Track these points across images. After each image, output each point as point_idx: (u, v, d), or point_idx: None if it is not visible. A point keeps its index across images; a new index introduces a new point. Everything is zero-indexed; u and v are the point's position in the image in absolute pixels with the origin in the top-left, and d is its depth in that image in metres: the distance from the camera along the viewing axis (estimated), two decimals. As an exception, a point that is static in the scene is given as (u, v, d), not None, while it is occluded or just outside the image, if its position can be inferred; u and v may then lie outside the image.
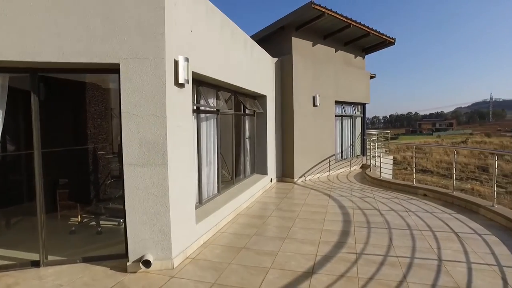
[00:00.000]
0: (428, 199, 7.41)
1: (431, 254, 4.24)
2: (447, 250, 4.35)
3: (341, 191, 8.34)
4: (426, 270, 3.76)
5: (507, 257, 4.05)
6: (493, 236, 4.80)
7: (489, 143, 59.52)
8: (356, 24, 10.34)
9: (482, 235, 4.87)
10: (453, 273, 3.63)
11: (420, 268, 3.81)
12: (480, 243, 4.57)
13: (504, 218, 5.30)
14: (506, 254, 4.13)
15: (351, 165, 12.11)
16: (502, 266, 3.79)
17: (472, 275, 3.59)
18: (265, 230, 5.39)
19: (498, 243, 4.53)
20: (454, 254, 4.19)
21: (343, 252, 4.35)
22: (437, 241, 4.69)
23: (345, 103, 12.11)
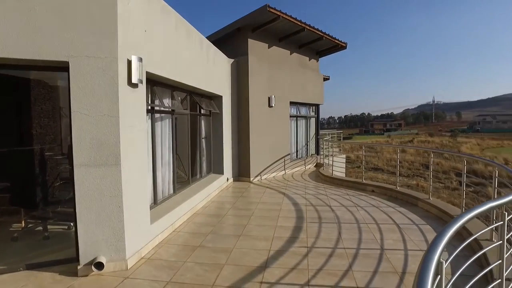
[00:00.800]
0: (376, 194, 7.92)
1: (375, 244, 4.59)
2: (389, 240, 4.74)
3: (295, 189, 8.65)
4: (370, 258, 4.08)
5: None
6: (427, 226, 5.30)
7: (431, 142, 64.28)
8: (310, 28, 10.76)
9: (419, 225, 5.36)
10: (392, 260, 3.99)
11: (365, 257, 4.12)
12: (417, 232, 5.03)
13: (437, 209, 5.87)
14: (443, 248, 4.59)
15: (305, 164, 12.55)
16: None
17: (408, 261, 3.98)
18: (221, 228, 5.48)
19: (431, 231, 5.03)
20: (394, 243, 4.58)
21: (295, 246, 4.57)
22: (380, 232, 5.08)
23: (300, 104, 12.53)
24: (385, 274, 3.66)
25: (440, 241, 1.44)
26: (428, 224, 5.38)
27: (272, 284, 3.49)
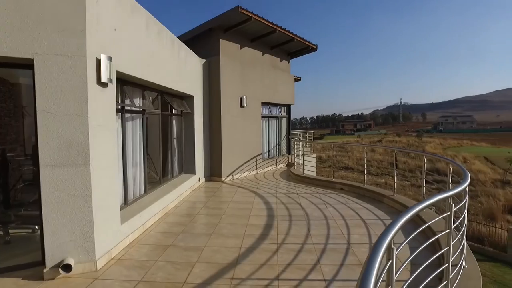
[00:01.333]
0: (345, 192, 8.21)
1: (342, 239, 4.80)
2: (355, 235, 4.97)
3: (267, 188, 8.80)
4: (337, 253, 4.28)
5: (399, 236, 4.77)
6: (391, 220, 5.58)
7: (399, 142, 66.89)
8: (281, 30, 10.95)
9: (384, 220, 5.65)
10: (358, 253, 4.20)
11: (332, 252, 4.31)
12: (381, 227, 5.30)
13: (401, 205, 6.21)
14: (399, 234, 4.87)
15: (277, 163, 12.75)
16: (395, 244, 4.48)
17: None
18: (192, 228, 5.51)
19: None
20: (360, 238, 4.81)
21: (266, 243, 4.69)
22: (348, 228, 5.31)
23: (272, 104, 12.71)
24: (351, 267, 3.85)
25: (390, 230, 1.60)
26: (392, 219, 5.68)
27: (242, 279, 3.59)
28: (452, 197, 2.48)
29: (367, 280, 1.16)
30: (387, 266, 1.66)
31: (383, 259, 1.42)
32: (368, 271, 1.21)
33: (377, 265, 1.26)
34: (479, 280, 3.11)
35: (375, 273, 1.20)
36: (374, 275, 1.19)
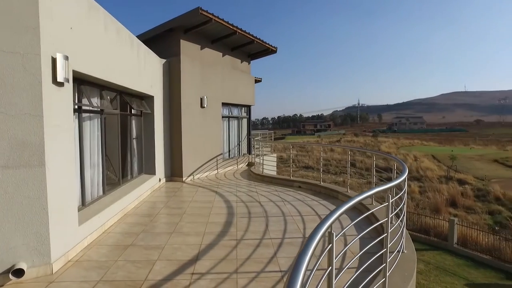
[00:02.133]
0: (302, 190, 8.56)
1: (298, 233, 5.08)
2: (310, 229, 5.27)
3: (227, 188, 8.94)
4: (293, 246, 4.54)
5: (351, 228, 5.14)
6: (344, 215, 5.96)
7: (356, 141, 69.92)
8: (241, 32, 11.14)
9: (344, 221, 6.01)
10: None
11: (288, 245, 4.56)
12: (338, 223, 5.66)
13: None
14: (351, 228, 5.24)
15: (238, 163, 12.94)
16: (347, 235, 4.83)
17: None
18: (153, 227, 5.53)
19: (347, 219, 5.69)
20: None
21: (225, 239, 4.85)
22: (304, 223, 5.62)
23: (232, 105, 12.87)
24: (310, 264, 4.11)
25: (330, 217, 1.83)
26: (345, 214, 6.06)
27: (202, 274, 3.72)
28: (394, 188, 2.80)
29: (303, 257, 1.36)
30: (328, 249, 1.90)
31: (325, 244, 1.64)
32: (305, 250, 1.42)
33: (314, 244, 1.48)
34: (415, 264, 3.50)
35: (310, 251, 1.42)
36: (309, 253, 1.40)
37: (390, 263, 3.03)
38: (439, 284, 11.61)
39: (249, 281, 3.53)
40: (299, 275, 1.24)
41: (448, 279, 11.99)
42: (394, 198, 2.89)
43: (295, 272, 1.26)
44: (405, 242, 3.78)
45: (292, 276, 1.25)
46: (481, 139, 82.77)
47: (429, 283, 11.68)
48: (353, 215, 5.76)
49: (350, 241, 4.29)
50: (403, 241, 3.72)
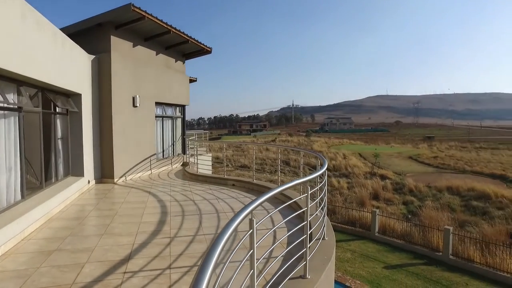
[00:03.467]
0: (236, 188, 8.82)
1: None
2: (242, 224, 5.51)
3: (161, 188, 8.85)
4: (225, 241, 4.73)
5: (279, 221, 5.51)
6: (273, 209, 6.35)
7: (291, 141, 72.79)
8: (175, 31, 11.03)
9: (268, 210, 6.37)
10: (242, 235, 4.73)
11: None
12: (266, 214, 5.98)
13: (283, 196, 7.04)
14: (279, 220, 5.62)
15: (172, 163, 12.78)
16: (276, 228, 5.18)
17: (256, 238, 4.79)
18: (81, 230, 5.32)
19: (277, 213, 6.06)
20: (246, 226, 5.37)
21: (159, 238, 4.88)
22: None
23: (166, 104, 12.67)
24: (237, 251, 4.33)
25: (250, 205, 2.07)
26: (274, 208, 6.45)
27: (135, 272, 3.74)
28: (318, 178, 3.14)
29: (221, 237, 1.58)
30: (249, 233, 2.14)
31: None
32: (224, 231, 1.63)
33: (231, 228, 1.70)
34: (333, 248, 3.93)
35: (229, 233, 1.64)
36: (227, 234, 1.62)
37: (311, 248, 3.40)
38: (363, 269, 12.81)
39: (182, 275, 3.65)
40: (216, 250, 1.45)
41: (370, 264, 13.29)
42: (314, 189, 3.26)
43: (213, 248, 1.47)
44: (326, 230, 4.22)
45: (210, 251, 1.45)
46: (400, 138, 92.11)
47: (354, 269, 12.82)
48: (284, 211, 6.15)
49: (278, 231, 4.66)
50: (325, 229, 4.15)
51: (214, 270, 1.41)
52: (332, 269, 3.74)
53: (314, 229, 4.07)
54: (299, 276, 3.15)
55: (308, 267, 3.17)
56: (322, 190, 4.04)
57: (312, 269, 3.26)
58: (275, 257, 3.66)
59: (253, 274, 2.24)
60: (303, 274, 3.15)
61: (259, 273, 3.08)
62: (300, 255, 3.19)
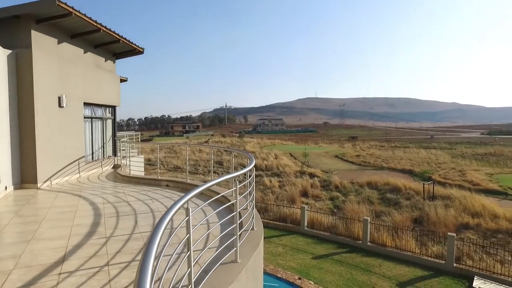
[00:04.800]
0: (170, 188, 8.94)
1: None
2: (178, 221, 5.75)
3: (91, 191, 8.59)
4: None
5: (213, 217, 5.87)
6: (208, 206, 6.68)
7: (224, 142, 73.28)
8: (106, 30, 10.68)
9: (201, 207, 6.66)
10: (178, 233, 5.00)
11: (157, 237, 4.95)
12: (200, 211, 6.30)
13: (215, 193, 7.41)
14: (213, 216, 5.97)
15: (102, 165, 12.32)
16: (210, 223, 5.52)
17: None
18: (2, 238, 5.05)
19: (210, 210, 6.41)
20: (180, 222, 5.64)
21: (94, 239, 4.91)
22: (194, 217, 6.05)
23: (95, 105, 12.18)
24: (173, 245, 4.59)
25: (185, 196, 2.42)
26: (208, 205, 6.77)
27: (71, 272, 3.80)
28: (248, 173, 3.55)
29: (161, 223, 1.91)
30: (185, 220, 2.49)
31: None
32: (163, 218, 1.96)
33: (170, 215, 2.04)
34: (261, 237, 4.42)
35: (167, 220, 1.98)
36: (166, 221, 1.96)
37: (242, 237, 3.82)
38: (293, 261, 13.75)
39: (121, 270, 3.81)
40: (158, 236, 1.78)
41: (300, 256, 14.30)
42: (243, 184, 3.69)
43: (154, 234, 1.79)
44: (255, 221, 4.70)
45: (152, 237, 1.77)
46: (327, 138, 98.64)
47: (286, 262, 13.69)
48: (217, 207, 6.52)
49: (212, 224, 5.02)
50: (253, 220, 4.63)
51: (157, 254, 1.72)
52: (260, 255, 4.22)
53: (244, 220, 4.52)
54: (231, 261, 3.56)
55: (239, 253, 3.60)
56: (250, 185, 4.50)
57: (242, 255, 3.70)
58: (210, 248, 4.05)
59: (190, 255, 2.57)
60: (234, 259, 3.56)
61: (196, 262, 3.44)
62: (232, 243, 3.60)
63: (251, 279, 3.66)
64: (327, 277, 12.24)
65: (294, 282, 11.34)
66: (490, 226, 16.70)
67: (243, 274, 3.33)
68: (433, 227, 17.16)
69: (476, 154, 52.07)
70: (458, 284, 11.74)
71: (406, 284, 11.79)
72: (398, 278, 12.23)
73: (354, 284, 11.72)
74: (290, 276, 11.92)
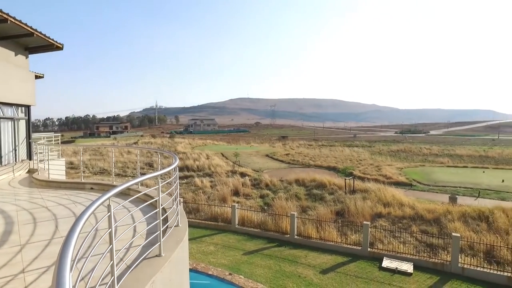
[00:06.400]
0: (95, 191, 8.61)
1: (90, 227, 5.39)
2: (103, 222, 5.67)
3: (1, 198, 7.88)
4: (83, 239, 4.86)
5: (139, 217, 5.90)
6: (135, 208, 6.65)
7: (154, 143, 70.83)
8: (15, 21, 9.81)
9: (128, 208, 6.63)
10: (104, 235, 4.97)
11: (80, 239, 4.85)
12: (126, 212, 6.26)
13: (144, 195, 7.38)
14: (139, 216, 6.01)
15: (14, 170, 11.25)
16: (135, 221, 5.55)
17: (117, 232, 5.08)
18: None
19: (137, 210, 6.40)
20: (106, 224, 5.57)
21: (5, 248, 4.61)
22: (96, 218, 5.94)
23: (4, 104, 11.07)
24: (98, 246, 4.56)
25: (106, 194, 2.56)
26: (135, 207, 6.75)
27: (-22, 284, 3.60)
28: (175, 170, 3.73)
29: (80, 220, 2.06)
30: (107, 215, 2.63)
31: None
32: (82, 214, 2.11)
33: (89, 212, 2.19)
34: (185, 233, 4.64)
35: (86, 216, 2.13)
36: (85, 217, 2.11)
37: (166, 233, 4.00)
38: (225, 258, 14.06)
39: (40, 275, 3.72)
40: (76, 231, 1.93)
41: (231, 253, 14.67)
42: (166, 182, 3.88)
43: (73, 230, 1.94)
44: (180, 218, 4.89)
45: (70, 231, 1.92)
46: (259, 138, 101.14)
47: (217, 259, 13.94)
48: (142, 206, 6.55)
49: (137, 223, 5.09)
50: (178, 217, 4.82)
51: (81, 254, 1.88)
52: (184, 249, 4.44)
53: (169, 217, 4.69)
54: (155, 255, 3.73)
55: (163, 247, 3.78)
56: (175, 183, 4.69)
57: (167, 249, 3.89)
58: (135, 246, 4.16)
59: (112, 250, 2.71)
60: (158, 253, 3.74)
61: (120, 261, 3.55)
62: (156, 239, 3.77)
63: (175, 272, 3.86)
64: (257, 270, 12.79)
65: (224, 278, 11.65)
66: (397, 213, 18.93)
67: (166, 266, 3.53)
68: (353, 218, 18.87)
69: (390, 151, 58.35)
70: (371, 266, 13.20)
71: (328, 271, 12.87)
72: (321, 266, 13.29)
73: (282, 275, 12.45)
74: (221, 273, 12.21)
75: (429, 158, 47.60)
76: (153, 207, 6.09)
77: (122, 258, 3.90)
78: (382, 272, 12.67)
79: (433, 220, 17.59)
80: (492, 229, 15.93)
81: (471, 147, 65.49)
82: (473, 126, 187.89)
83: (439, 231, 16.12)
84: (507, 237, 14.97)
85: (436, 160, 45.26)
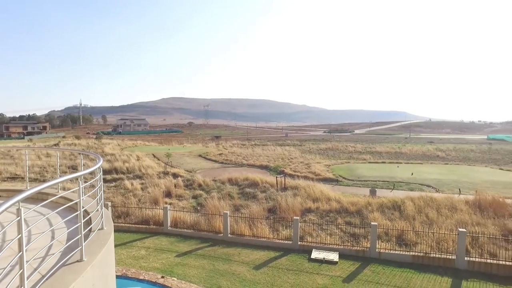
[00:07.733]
0: (3, 198, 7.70)
1: None
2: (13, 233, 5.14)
3: None
4: None
5: (58, 222, 5.48)
6: (55, 214, 6.13)
7: (78, 144, 65.36)
8: None
9: (45, 214, 6.09)
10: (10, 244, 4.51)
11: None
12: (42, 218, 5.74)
13: (63, 199, 6.85)
14: (58, 221, 5.58)
15: None
16: (54, 226, 5.15)
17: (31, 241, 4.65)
18: None
19: (56, 215, 5.92)
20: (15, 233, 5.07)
21: None
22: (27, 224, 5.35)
23: None
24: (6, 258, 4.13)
25: (16, 197, 2.37)
26: (57, 213, 6.20)
27: None
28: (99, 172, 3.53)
29: None
30: (17, 220, 2.44)
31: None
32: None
33: None
34: (110, 235, 4.45)
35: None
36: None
37: (89, 236, 3.79)
38: (157, 262, 13.63)
39: None
40: None
41: (164, 256, 14.28)
42: (89, 183, 3.68)
43: None
44: (104, 220, 4.66)
45: None
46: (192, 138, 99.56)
47: (149, 263, 13.45)
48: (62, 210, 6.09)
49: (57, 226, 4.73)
50: (103, 220, 4.59)
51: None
52: (110, 252, 4.25)
53: (92, 220, 4.45)
54: (76, 260, 3.52)
55: (85, 251, 3.58)
56: (99, 184, 4.47)
57: (90, 253, 3.69)
58: (53, 253, 3.86)
59: (22, 258, 2.51)
60: (80, 258, 3.53)
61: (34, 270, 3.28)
62: (77, 243, 3.56)
63: (99, 277, 3.68)
64: (190, 271, 12.65)
65: (157, 282, 11.32)
66: (325, 207, 20.19)
67: (88, 271, 3.35)
68: (284, 214, 19.60)
69: (319, 149, 61.88)
70: (301, 258, 13.92)
71: (261, 266, 13.24)
72: (254, 262, 13.62)
73: (216, 274, 12.48)
74: (153, 277, 11.83)
75: (354, 155, 51.56)
76: (74, 210, 5.70)
77: (36, 267, 3.60)
78: (311, 263, 13.44)
79: (356, 212, 19.12)
80: (403, 216, 17.90)
81: (388, 145, 72.64)
82: (390, 126, 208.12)
83: (361, 221, 17.57)
84: (414, 222, 16.97)
85: (359, 157, 49.20)
